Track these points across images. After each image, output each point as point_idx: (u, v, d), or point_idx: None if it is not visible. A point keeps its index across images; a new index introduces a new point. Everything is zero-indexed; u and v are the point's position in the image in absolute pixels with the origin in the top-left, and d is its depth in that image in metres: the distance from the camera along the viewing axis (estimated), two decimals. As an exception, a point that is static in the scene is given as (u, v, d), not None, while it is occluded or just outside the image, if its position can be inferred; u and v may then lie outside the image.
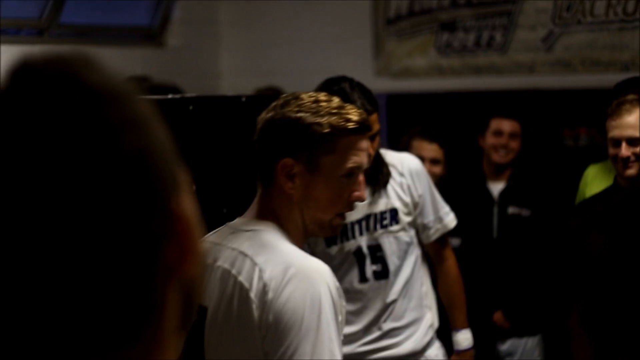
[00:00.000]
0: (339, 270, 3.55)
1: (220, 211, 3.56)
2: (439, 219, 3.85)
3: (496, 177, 5.15)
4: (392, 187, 3.69)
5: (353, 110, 2.37)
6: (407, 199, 3.71)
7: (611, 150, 3.90)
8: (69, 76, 0.81)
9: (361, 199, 2.41)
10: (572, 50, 5.58)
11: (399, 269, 3.67)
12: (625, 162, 3.84)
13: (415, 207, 3.75)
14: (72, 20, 6.38)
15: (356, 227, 3.63)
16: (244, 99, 3.81)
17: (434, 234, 3.85)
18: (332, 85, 3.46)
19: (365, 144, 2.39)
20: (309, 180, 2.34)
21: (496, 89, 5.70)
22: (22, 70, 0.82)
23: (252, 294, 2.23)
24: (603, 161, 4.49)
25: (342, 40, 6.32)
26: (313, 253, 3.58)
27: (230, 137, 3.71)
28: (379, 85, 5.71)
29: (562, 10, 5.58)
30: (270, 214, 2.37)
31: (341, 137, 2.33)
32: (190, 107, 3.53)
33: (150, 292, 0.84)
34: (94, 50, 0.87)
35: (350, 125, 2.34)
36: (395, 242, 3.68)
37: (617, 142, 3.86)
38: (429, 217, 3.82)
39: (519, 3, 5.74)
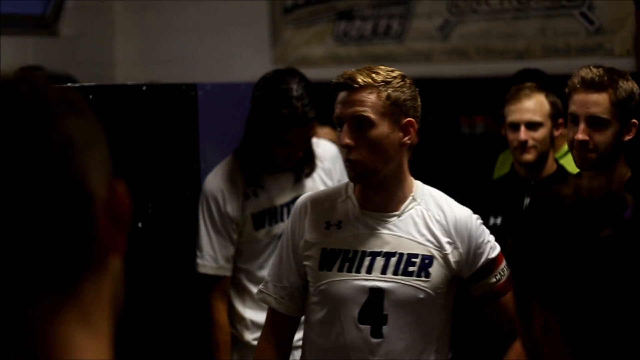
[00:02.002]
0: (263, 253, 3.59)
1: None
2: None
3: None
4: (318, 173, 3.70)
5: (350, 71, 2.76)
6: (330, 183, 3.69)
7: (510, 136, 3.86)
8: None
9: (343, 145, 2.74)
10: (468, 39, 5.63)
11: None
12: (523, 146, 3.80)
13: None
14: (-39, 8, 6.20)
15: (285, 210, 3.61)
16: (144, 88, 3.77)
17: None
18: (279, 83, 3.56)
19: (344, 98, 2.74)
20: None
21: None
22: None
23: None
24: None
25: (240, 29, 6.26)
26: (240, 234, 3.63)
27: (131, 126, 3.66)
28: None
29: (457, -1, 5.64)
30: None
31: (335, 91, 2.78)
32: (90, 97, 3.47)
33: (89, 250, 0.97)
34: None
35: (335, 81, 2.76)
36: None
37: (515, 126, 3.83)
38: None
39: (416, -8, 5.77)
